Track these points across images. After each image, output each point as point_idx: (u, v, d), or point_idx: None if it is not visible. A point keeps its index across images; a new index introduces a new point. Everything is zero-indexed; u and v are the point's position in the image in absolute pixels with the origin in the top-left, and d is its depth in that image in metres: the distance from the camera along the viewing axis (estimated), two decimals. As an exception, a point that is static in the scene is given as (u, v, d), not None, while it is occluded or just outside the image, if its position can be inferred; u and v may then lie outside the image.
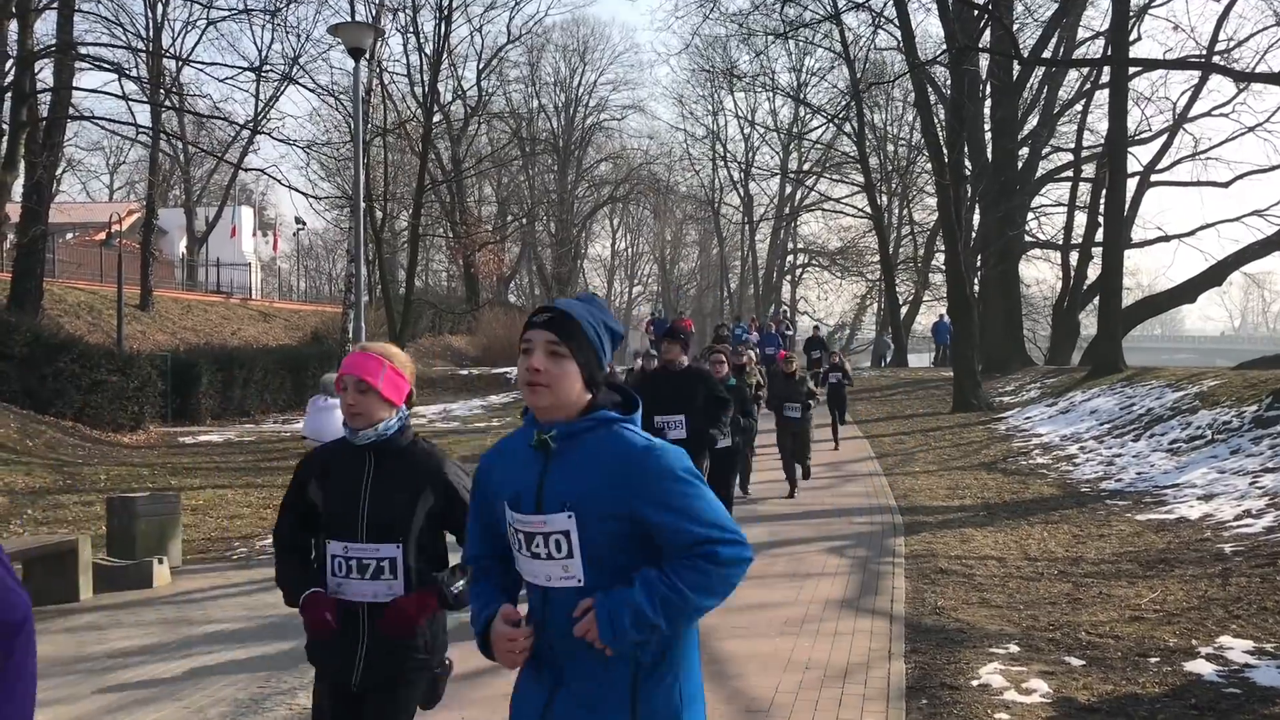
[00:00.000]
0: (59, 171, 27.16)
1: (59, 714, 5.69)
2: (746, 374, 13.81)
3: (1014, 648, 6.55)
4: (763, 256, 59.20)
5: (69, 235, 39.01)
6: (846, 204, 51.79)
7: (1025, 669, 6.11)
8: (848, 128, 43.45)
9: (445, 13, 32.43)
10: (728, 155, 56.98)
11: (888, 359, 42.28)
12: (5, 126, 19.15)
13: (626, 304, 71.68)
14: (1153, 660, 6.21)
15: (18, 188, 21.84)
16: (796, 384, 14.09)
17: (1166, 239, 36.44)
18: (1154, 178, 35.95)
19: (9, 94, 19.21)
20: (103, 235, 31.27)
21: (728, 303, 57.81)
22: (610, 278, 71.21)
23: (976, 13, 25.57)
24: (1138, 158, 34.17)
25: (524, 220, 52.29)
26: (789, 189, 57.94)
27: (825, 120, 47.89)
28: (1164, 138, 35.54)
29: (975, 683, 5.87)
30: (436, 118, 36.76)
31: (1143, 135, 35.40)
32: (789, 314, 49.64)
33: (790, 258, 61.32)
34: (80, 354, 20.50)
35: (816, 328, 34.91)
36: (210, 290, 39.85)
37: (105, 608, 8.47)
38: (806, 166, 53.83)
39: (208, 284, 41.24)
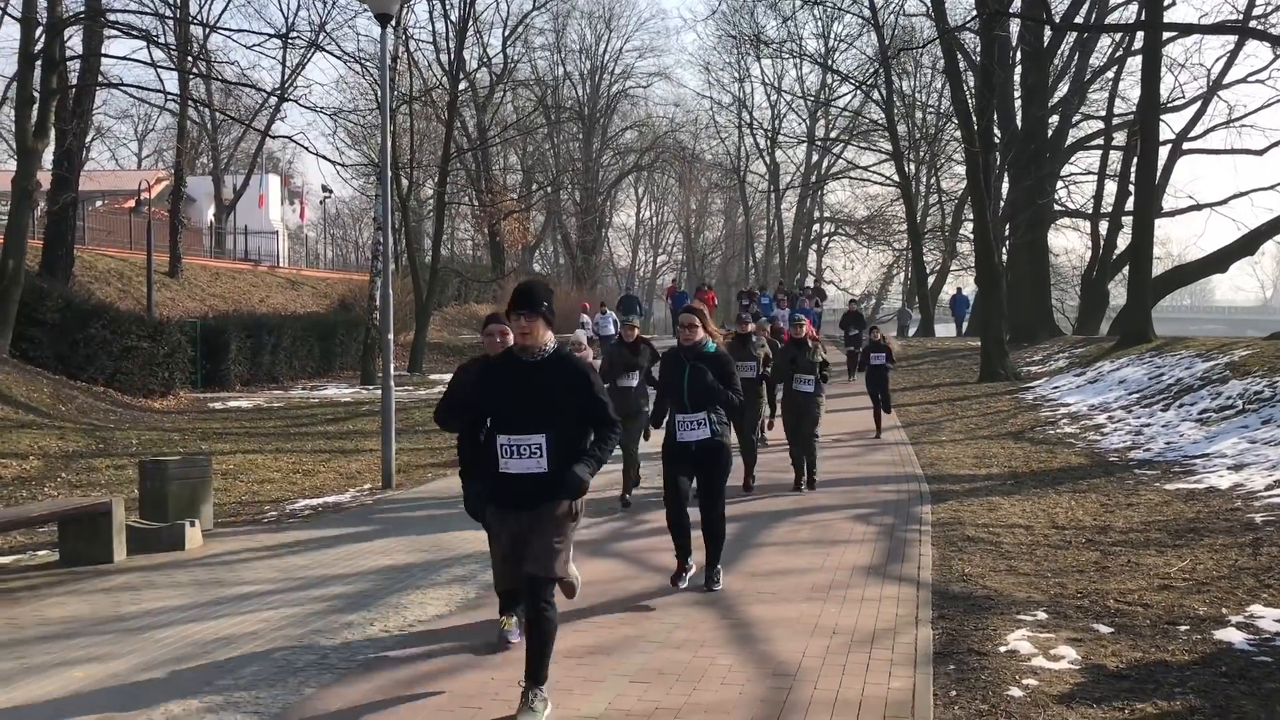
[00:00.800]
0: (88, 139, 27.32)
1: (94, 672, 5.78)
2: (753, 345, 11.85)
3: (1042, 615, 6.54)
4: (788, 225, 58.97)
5: (99, 203, 39.25)
6: (874, 172, 51.46)
7: (1053, 636, 6.10)
8: (876, 94, 43.04)
9: (471, -21, 32.26)
10: (754, 123, 56.75)
11: (911, 330, 42.08)
12: (36, 93, 19.22)
13: (651, 273, 71.57)
14: (1182, 628, 6.19)
15: (48, 155, 21.95)
16: (809, 351, 11.66)
17: (1198, 208, 36.03)
18: (1186, 145, 35.52)
19: (39, 61, 19.27)
20: (132, 203, 31.46)
21: (753, 272, 57.67)
22: (635, 246, 71.12)
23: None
24: (1170, 125, 33.78)
25: (549, 189, 52.20)
26: (815, 157, 57.61)
27: (853, 87, 47.53)
28: (1197, 105, 35.10)
29: (1003, 649, 5.87)
30: (462, 85, 36.63)
31: (1176, 102, 34.93)
32: (817, 282, 48.64)
33: (816, 226, 61.04)
34: (111, 320, 20.68)
35: (853, 301, 30.21)
36: (238, 258, 40.03)
37: (139, 569, 8.58)
38: (834, 134, 53.48)
39: (236, 252, 41.43)
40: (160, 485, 9.90)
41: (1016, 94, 32.52)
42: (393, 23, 14.28)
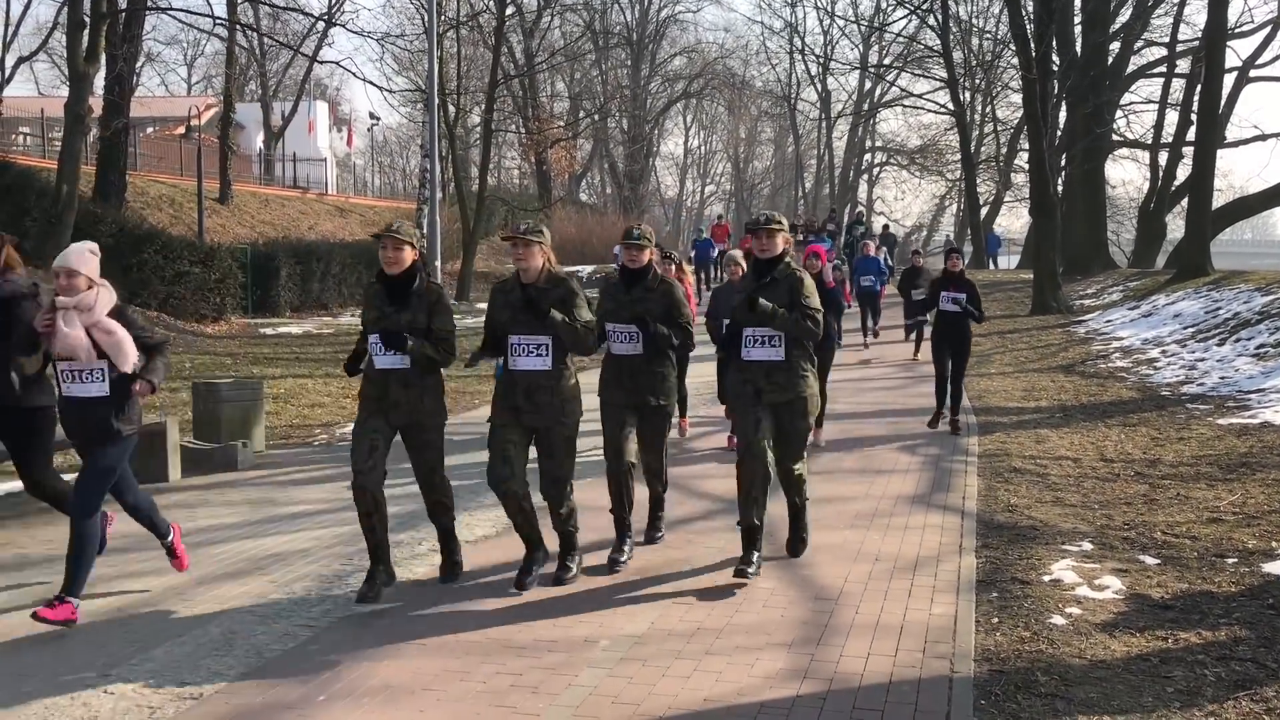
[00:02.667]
0: (139, 65, 27.41)
1: (153, 585, 5.95)
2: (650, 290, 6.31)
3: (1087, 545, 6.52)
4: (839, 155, 58.11)
5: (150, 129, 39.51)
6: (928, 100, 50.42)
7: (1098, 566, 6.08)
8: (931, 20, 42.02)
9: (519, -100, 31.79)
10: (806, 49, 55.65)
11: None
12: (86, 18, 19.30)
13: (699, 203, 71.02)
14: (1230, 561, 6.14)
15: (99, 81, 22.09)
16: (777, 282, 5.92)
17: (1263, 138, 34.99)
18: (1253, 73, 34.46)
19: (89, -15, 19.33)
20: (182, 129, 31.64)
21: (802, 202, 57.01)
22: (682, 176, 70.49)
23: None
24: (1236, 51, 32.86)
25: (596, 116, 51.73)
26: (868, 84, 56.57)
27: (908, 12, 46.31)
28: (1267, 30, 33.89)
29: (1047, 578, 5.87)
30: (509, 10, 36.21)
31: (1244, 27, 33.77)
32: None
33: (868, 156, 60.12)
34: (163, 245, 20.93)
35: (915, 252, 20.21)
36: (287, 185, 40.20)
37: (193, 488, 8.78)
38: (887, 61, 52.39)
39: (284, 179, 41.60)
40: (213, 407, 10.08)
41: (1076, 19, 31.63)
42: (440, -55, 14.12)
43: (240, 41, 37.49)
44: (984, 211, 45.21)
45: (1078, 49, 31.33)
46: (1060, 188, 28.85)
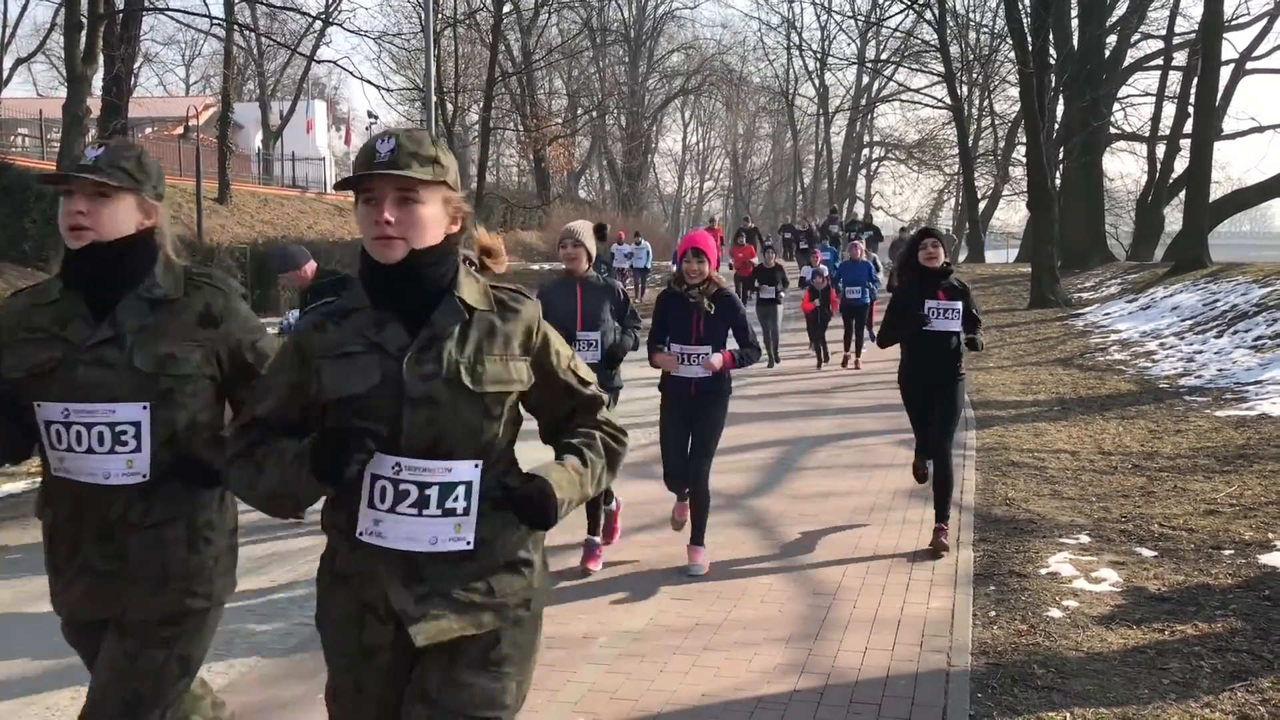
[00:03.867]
0: (137, 65, 27.40)
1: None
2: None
3: (1084, 538, 6.54)
4: (837, 150, 58.10)
5: (148, 129, 39.50)
6: (925, 95, 50.35)
7: (1095, 559, 6.11)
8: (928, 14, 41.96)
9: (515, -102, 31.81)
10: (803, 44, 55.66)
11: (961, 255, 41.45)
12: (84, 19, 19.31)
13: (698, 199, 71.01)
14: (1227, 553, 6.16)
15: (97, 81, 22.08)
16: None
17: (1260, 130, 35.04)
18: (1250, 65, 34.51)
19: (86, -14, 19.34)
20: (180, 129, 31.64)
21: (800, 198, 57.00)
22: (681, 173, 70.43)
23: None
24: (1233, 44, 32.89)
25: (594, 114, 51.73)
26: (866, 79, 56.54)
27: (904, 6, 46.28)
28: (1263, 22, 33.97)
29: (1044, 571, 5.89)
30: (506, 7, 36.25)
31: (1240, 19, 33.83)
32: (906, 227, 33.09)
33: (866, 151, 60.11)
34: (163, 246, 20.94)
35: (903, 230, 16.52)
36: (286, 184, 40.18)
37: (194, 488, 8.79)
38: (885, 55, 52.35)
39: (283, 178, 41.57)
40: (213, 407, 10.07)
41: (1073, 12, 31.63)
42: (435, -57, 14.14)
43: (238, 41, 37.49)
44: (982, 206, 45.23)
45: (1074, 42, 31.35)
46: (1058, 181, 28.87)
